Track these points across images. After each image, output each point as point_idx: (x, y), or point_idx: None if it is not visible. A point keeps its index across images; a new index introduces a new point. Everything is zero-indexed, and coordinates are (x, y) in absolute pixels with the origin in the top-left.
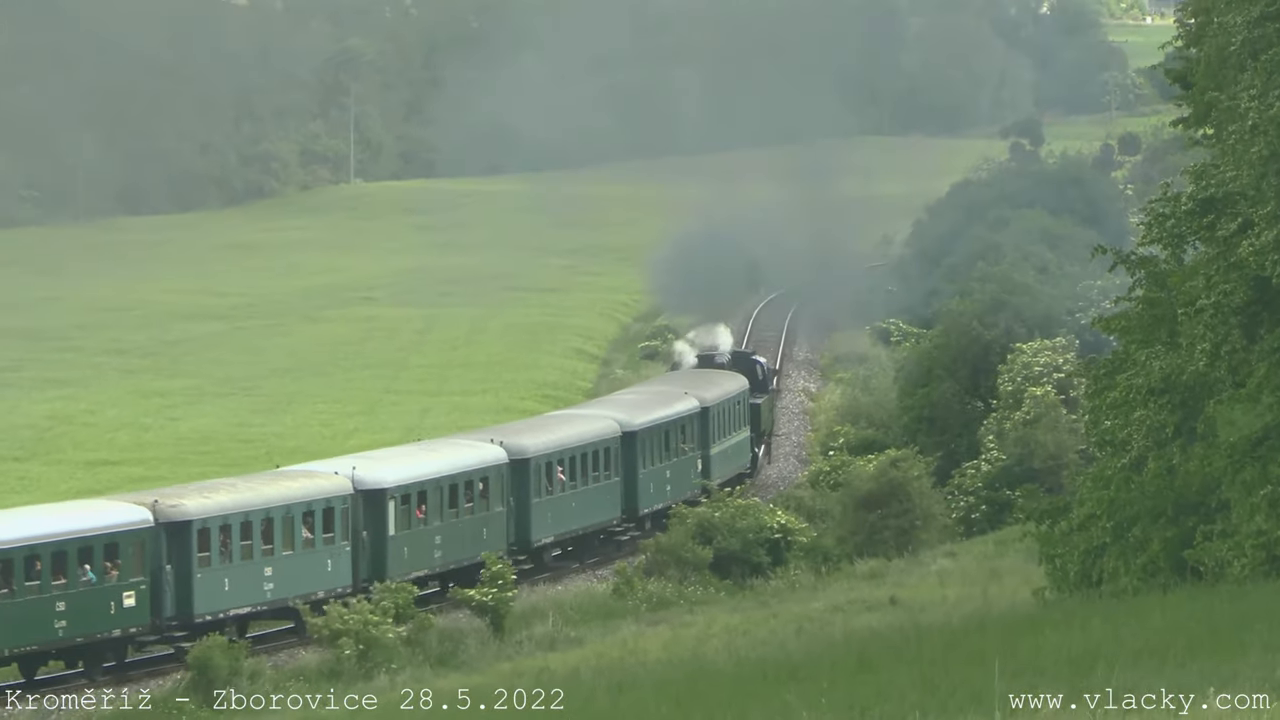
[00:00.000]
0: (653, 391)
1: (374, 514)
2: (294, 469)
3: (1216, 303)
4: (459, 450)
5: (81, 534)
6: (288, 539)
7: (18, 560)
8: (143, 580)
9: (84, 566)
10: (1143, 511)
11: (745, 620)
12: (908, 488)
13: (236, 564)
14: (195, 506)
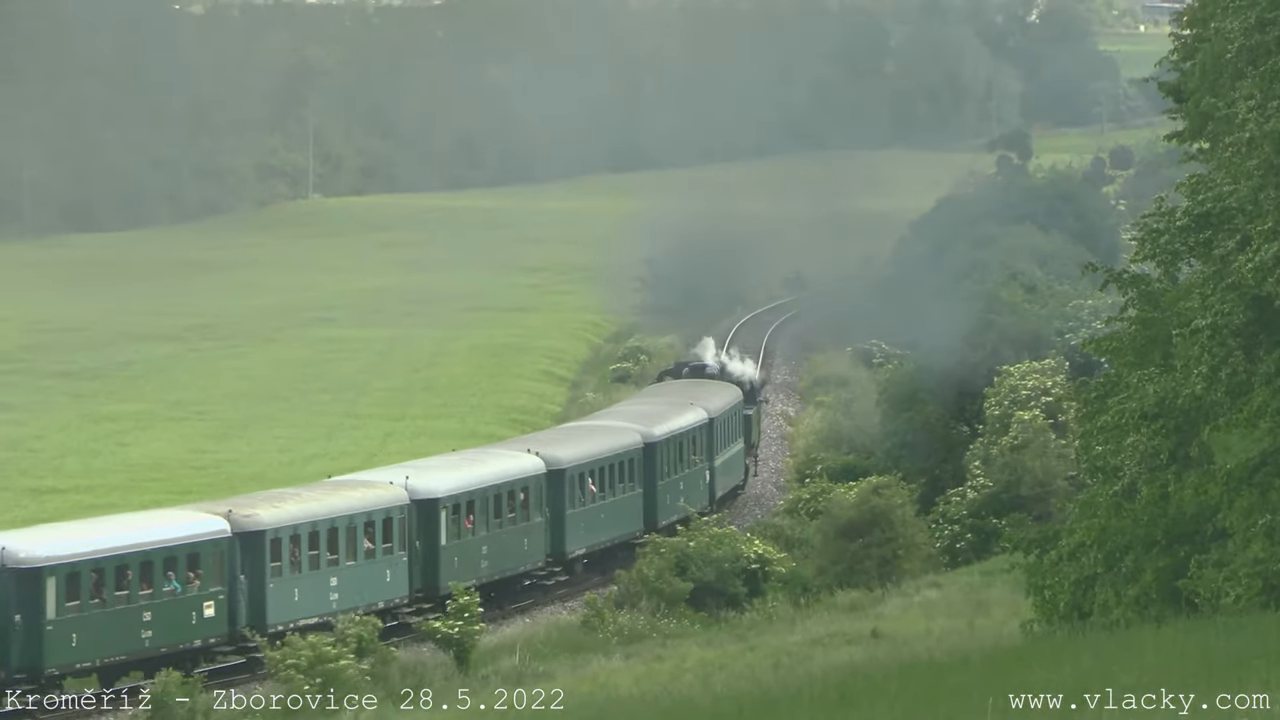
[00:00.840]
0: (664, 401)
1: (426, 524)
2: (349, 479)
3: (1214, 323)
4: (501, 460)
5: (167, 544)
6: (351, 549)
7: (109, 570)
8: (221, 590)
9: (168, 576)
10: (1135, 540)
11: (721, 654)
12: (890, 516)
13: (305, 574)
14: (269, 516)
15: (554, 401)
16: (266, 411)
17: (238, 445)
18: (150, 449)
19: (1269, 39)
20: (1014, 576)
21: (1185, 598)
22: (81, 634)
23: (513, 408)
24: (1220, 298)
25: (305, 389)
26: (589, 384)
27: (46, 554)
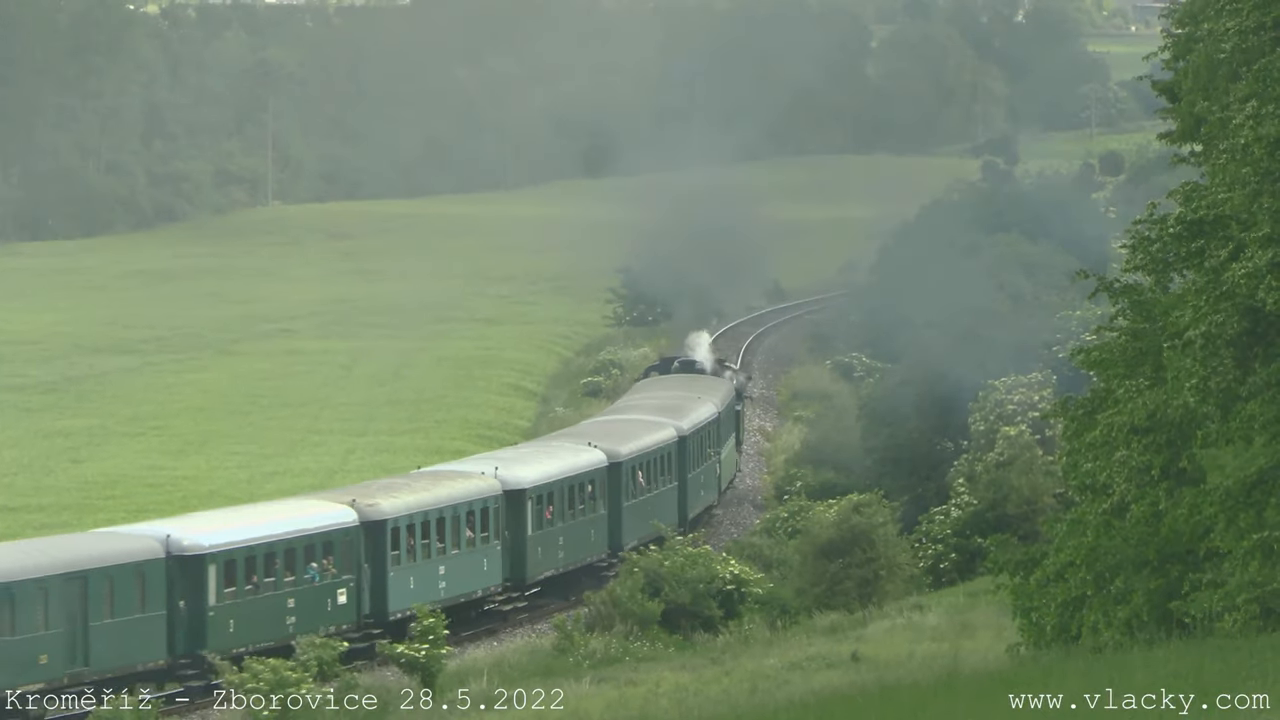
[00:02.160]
0: (679, 396)
1: (515, 514)
2: (444, 469)
3: (1207, 333)
4: (574, 454)
5: (308, 533)
6: (455, 538)
7: (260, 558)
8: (351, 578)
9: (308, 564)
10: (1125, 560)
11: (696, 678)
12: (871, 535)
13: (419, 562)
14: (389, 506)
15: (522, 416)
16: (225, 427)
17: (195, 462)
18: (105, 466)
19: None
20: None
21: (1177, 620)
22: (237, 620)
23: (479, 422)
24: (1213, 307)
25: (265, 403)
26: (559, 398)
27: (209, 542)
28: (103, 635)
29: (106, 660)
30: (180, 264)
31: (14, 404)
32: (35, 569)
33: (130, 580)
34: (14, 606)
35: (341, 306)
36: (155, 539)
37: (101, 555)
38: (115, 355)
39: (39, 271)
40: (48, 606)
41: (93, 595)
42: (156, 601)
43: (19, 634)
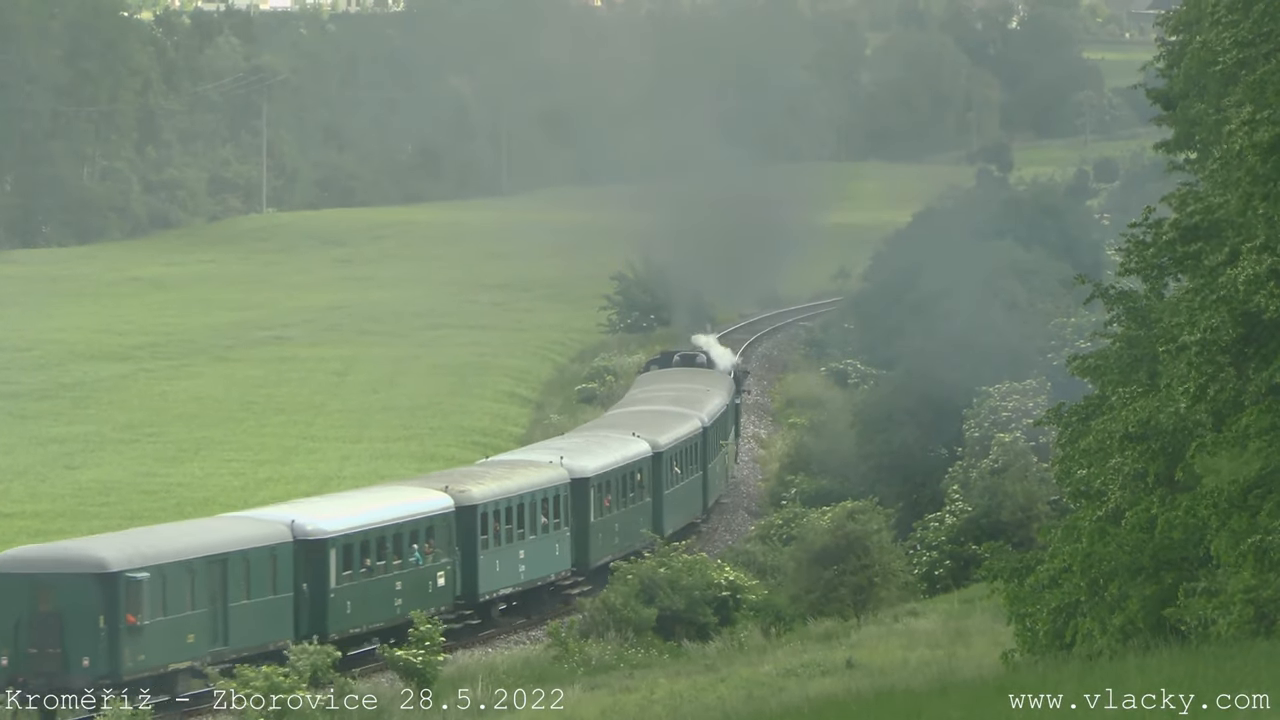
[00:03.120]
0: (687, 388)
1: (579, 501)
2: (515, 458)
3: (1203, 339)
4: (624, 444)
5: (413, 518)
6: (532, 524)
7: (372, 542)
8: (449, 561)
9: (413, 548)
10: (1120, 566)
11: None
12: (866, 542)
13: (504, 546)
14: (479, 492)
15: (517, 423)
16: (219, 434)
17: (189, 468)
18: (99, 473)
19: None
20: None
21: (1172, 626)
22: (354, 601)
23: (474, 429)
24: (1209, 313)
25: (259, 410)
26: (554, 405)
27: (330, 527)
28: (240, 615)
29: (243, 639)
30: (174, 271)
31: (8, 411)
32: (184, 552)
33: (263, 563)
34: (165, 588)
35: (335, 313)
36: (282, 524)
37: (238, 539)
38: (109, 362)
39: (33, 278)
40: (194, 588)
41: (231, 577)
42: (285, 584)
43: (170, 614)
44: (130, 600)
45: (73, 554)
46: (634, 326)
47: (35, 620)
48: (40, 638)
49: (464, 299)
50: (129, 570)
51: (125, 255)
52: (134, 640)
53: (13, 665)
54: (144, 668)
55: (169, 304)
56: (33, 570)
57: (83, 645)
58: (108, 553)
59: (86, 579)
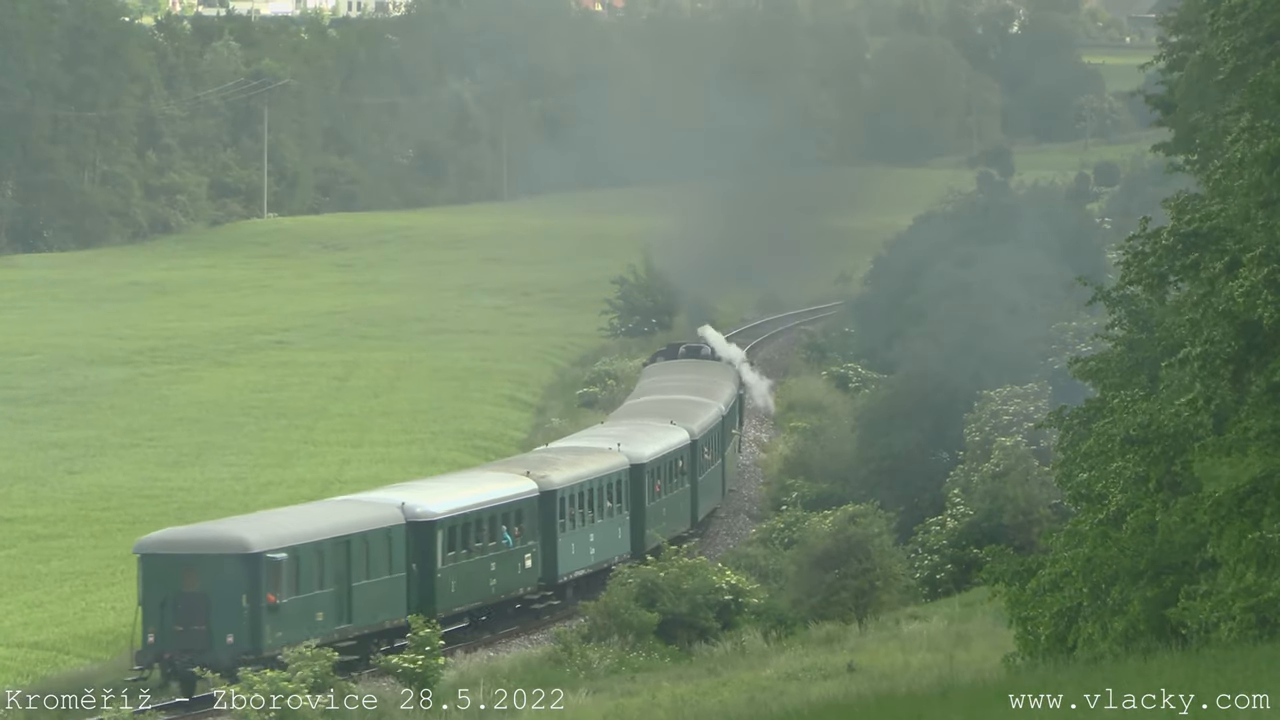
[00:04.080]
0: (696, 378)
1: (636, 487)
2: (578, 445)
3: (1204, 352)
4: (666, 432)
5: (505, 502)
6: (600, 508)
7: (472, 524)
8: (534, 544)
9: (504, 530)
10: (1121, 570)
11: (693, 689)
12: (867, 545)
13: (578, 529)
14: (559, 478)
15: (518, 428)
16: (220, 438)
17: (191, 473)
18: (99, 477)
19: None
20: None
21: (1174, 630)
22: (457, 581)
23: (475, 433)
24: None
25: (260, 415)
26: (554, 409)
27: (436, 510)
28: (361, 594)
29: (364, 617)
30: (175, 276)
31: (9, 416)
32: (314, 533)
33: (381, 544)
34: (299, 568)
35: (336, 318)
36: (394, 506)
37: (360, 521)
38: (110, 367)
39: (34, 283)
40: (322, 568)
41: (354, 558)
42: (400, 564)
43: (303, 593)
44: (270, 580)
45: (217, 535)
46: (635, 330)
47: (181, 599)
48: (186, 615)
49: (465, 304)
50: (269, 551)
51: (126, 260)
52: (273, 618)
53: (159, 642)
54: (281, 644)
55: (170, 309)
56: (179, 551)
57: (227, 622)
58: (250, 534)
59: (231, 560)
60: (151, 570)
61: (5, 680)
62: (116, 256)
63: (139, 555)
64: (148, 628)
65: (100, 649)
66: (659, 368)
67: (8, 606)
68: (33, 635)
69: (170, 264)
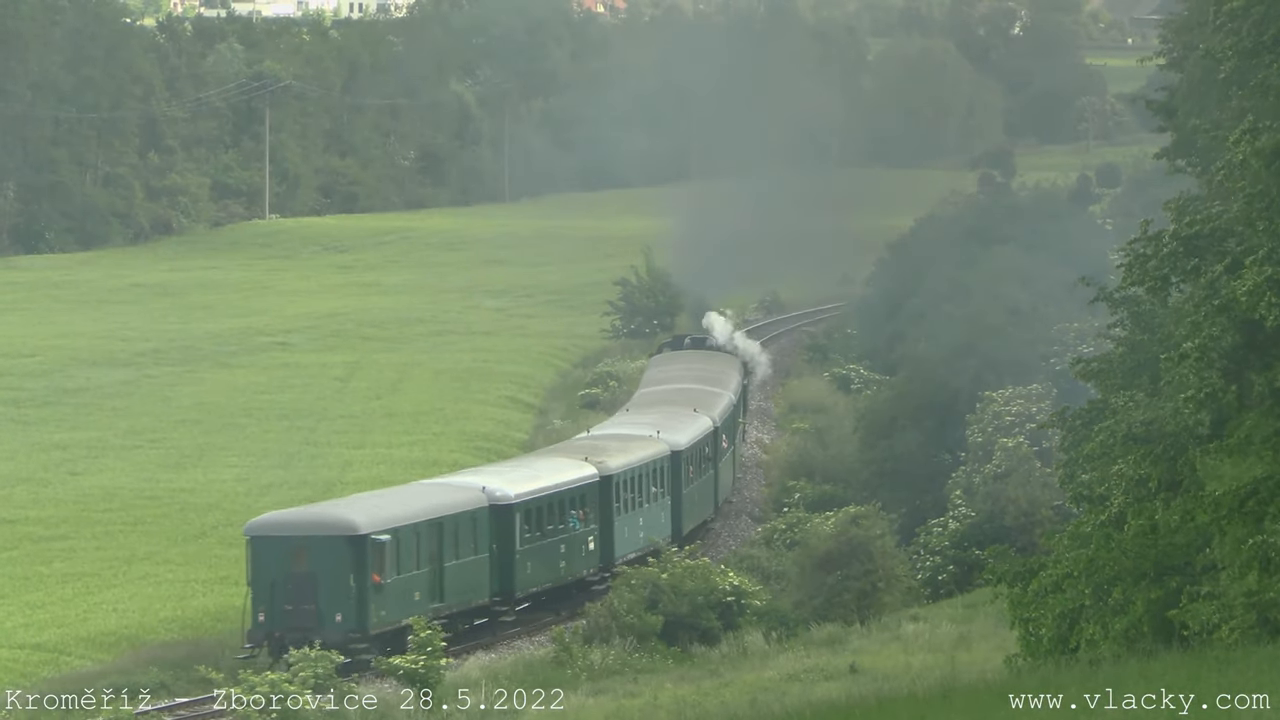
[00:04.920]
0: (705, 369)
1: (676, 472)
2: (621, 432)
3: (1202, 346)
4: (694, 419)
5: (572, 486)
6: (647, 492)
7: (545, 508)
8: (595, 527)
9: (570, 514)
10: (1124, 571)
11: (695, 690)
12: (869, 547)
13: (631, 513)
14: (615, 463)
15: (520, 429)
16: (221, 440)
17: (193, 474)
18: (101, 479)
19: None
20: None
21: (1176, 631)
22: (532, 563)
23: (477, 435)
24: (1211, 321)
25: (261, 416)
26: (556, 410)
27: (514, 493)
28: (451, 575)
29: (454, 597)
30: (177, 277)
31: (11, 417)
32: (411, 515)
33: (468, 526)
34: (399, 549)
35: (338, 319)
36: (476, 489)
37: (450, 504)
38: (112, 368)
39: (35, 285)
40: (419, 549)
41: (445, 539)
42: (484, 545)
43: (403, 573)
44: (375, 560)
45: (326, 518)
46: (637, 332)
47: (291, 579)
48: (296, 595)
49: (466, 305)
50: (375, 533)
51: (128, 261)
52: (378, 597)
53: (269, 621)
54: (385, 623)
55: (172, 310)
56: (289, 533)
57: (335, 602)
58: (357, 517)
59: (339, 541)
60: (261, 552)
61: (7, 681)
62: (118, 258)
63: (248, 537)
64: (257, 608)
65: (102, 650)
66: (666, 358)
67: (9, 608)
68: (34, 636)
69: (172, 265)
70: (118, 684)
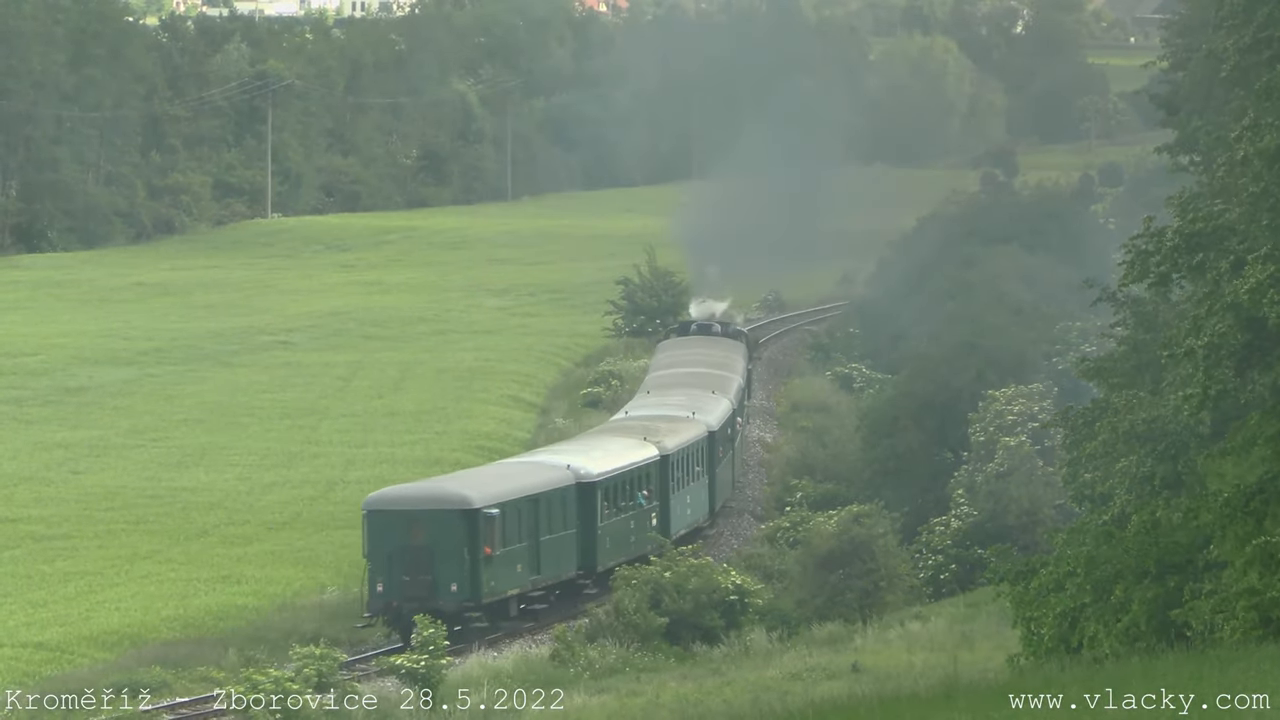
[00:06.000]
0: (712, 354)
1: (711, 452)
2: (656, 413)
3: (1208, 344)
4: (716, 401)
5: (638, 465)
6: (692, 472)
7: (619, 485)
8: (657, 504)
9: (638, 492)
10: (1125, 569)
11: (697, 689)
12: (871, 546)
13: (681, 491)
14: (671, 443)
15: (522, 428)
16: (223, 439)
17: (195, 473)
18: (104, 477)
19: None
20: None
21: (1177, 630)
22: (610, 537)
23: (479, 434)
24: (1216, 319)
25: (263, 415)
26: (559, 409)
27: (596, 471)
28: (546, 549)
29: (549, 570)
30: (179, 276)
31: (13, 416)
32: (513, 492)
33: (559, 503)
34: (505, 523)
35: (340, 318)
36: (562, 467)
37: (544, 481)
38: (114, 367)
39: (38, 284)
40: (520, 523)
41: (541, 514)
42: (571, 521)
43: (508, 546)
44: (487, 533)
45: (441, 493)
46: (639, 331)
47: (409, 551)
48: (413, 566)
49: (468, 304)
50: (486, 507)
51: (130, 260)
52: (489, 568)
53: (387, 591)
54: (495, 593)
55: (173, 309)
56: (407, 507)
57: (450, 573)
58: (470, 492)
59: (455, 515)
60: (378, 525)
61: (10, 680)
62: (120, 257)
63: (366, 511)
64: (375, 579)
65: (104, 649)
66: (674, 343)
67: (12, 606)
68: (36, 635)
69: (174, 264)
70: (119, 682)
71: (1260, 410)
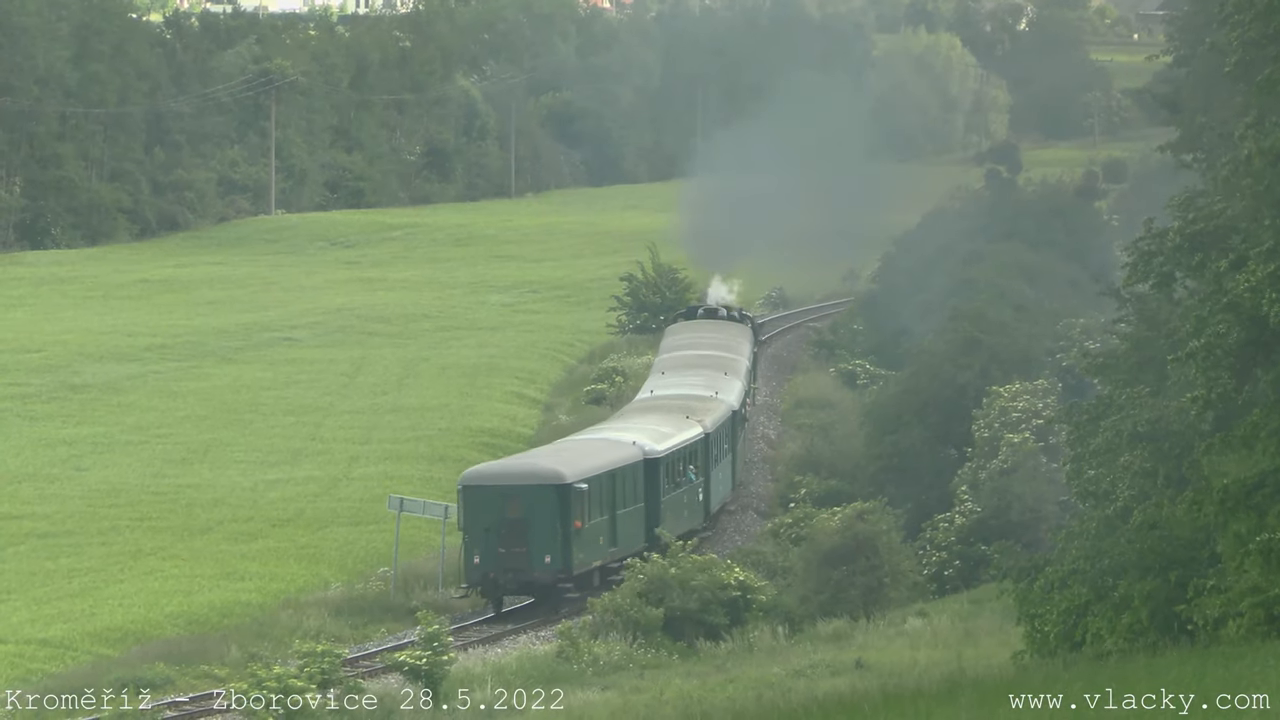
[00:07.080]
0: (719, 337)
1: (735, 431)
2: (680, 393)
3: (1208, 343)
4: (733, 383)
5: (689, 442)
6: (723, 450)
7: (675, 462)
8: (703, 479)
9: (688, 469)
10: (1129, 565)
11: (701, 686)
12: (875, 542)
13: (717, 468)
14: (710, 421)
15: (526, 424)
16: (227, 436)
17: (199, 470)
18: (108, 474)
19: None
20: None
21: (1180, 626)
22: (671, 512)
23: (483, 430)
24: (1217, 318)
25: (267, 412)
26: (562, 406)
27: (659, 448)
28: (622, 522)
29: (623, 542)
30: (183, 273)
31: (17, 412)
32: (597, 468)
33: (630, 478)
34: (590, 497)
35: (344, 315)
36: (630, 444)
37: (620, 458)
38: (118, 364)
39: (41, 280)
40: (600, 498)
41: (618, 489)
42: (639, 495)
43: (591, 519)
44: (577, 507)
45: (535, 468)
46: (643, 328)
47: (505, 524)
48: (509, 539)
49: (472, 301)
50: (576, 482)
51: (134, 257)
52: (578, 540)
53: (484, 563)
54: (583, 565)
55: (178, 305)
56: (503, 482)
57: (544, 545)
58: (562, 467)
59: (548, 489)
60: (474, 500)
61: (14, 676)
62: (124, 253)
63: (462, 487)
64: (472, 552)
65: (108, 645)
66: (682, 327)
67: (16, 603)
68: (41, 632)
69: (178, 261)
70: (123, 679)
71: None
